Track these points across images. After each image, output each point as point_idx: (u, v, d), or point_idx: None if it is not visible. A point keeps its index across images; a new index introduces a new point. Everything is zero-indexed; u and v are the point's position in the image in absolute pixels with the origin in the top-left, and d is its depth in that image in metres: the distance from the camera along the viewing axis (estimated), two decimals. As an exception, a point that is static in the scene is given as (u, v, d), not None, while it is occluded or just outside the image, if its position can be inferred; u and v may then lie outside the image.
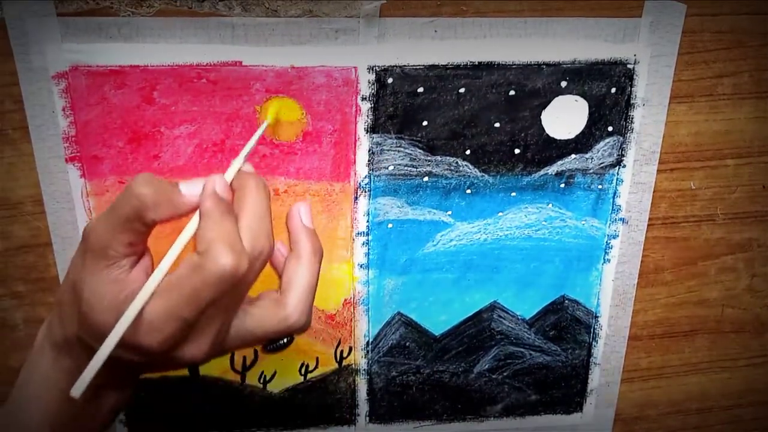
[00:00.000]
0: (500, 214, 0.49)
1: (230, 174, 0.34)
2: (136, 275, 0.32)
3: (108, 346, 0.29)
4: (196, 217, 0.32)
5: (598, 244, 0.51)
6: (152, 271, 0.33)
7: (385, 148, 0.46)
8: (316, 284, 0.36)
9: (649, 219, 0.51)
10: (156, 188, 0.31)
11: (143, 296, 0.30)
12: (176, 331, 0.31)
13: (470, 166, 0.48)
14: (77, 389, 0.29)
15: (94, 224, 0.32)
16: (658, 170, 0.49)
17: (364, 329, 0.52)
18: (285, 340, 0.36)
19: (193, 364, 0.33)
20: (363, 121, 0.45)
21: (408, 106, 0.45)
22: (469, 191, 0.48)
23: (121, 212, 0.31)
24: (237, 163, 0.35)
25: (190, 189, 0.33)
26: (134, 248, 0.32)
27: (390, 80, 0.44)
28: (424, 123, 0.46)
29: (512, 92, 0.46)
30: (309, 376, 0.53)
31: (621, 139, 0.48)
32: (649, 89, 0.47)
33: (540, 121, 0.47)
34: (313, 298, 0.36)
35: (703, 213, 0.52)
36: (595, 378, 0.56)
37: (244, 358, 0.51)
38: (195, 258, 0.31)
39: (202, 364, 0.34)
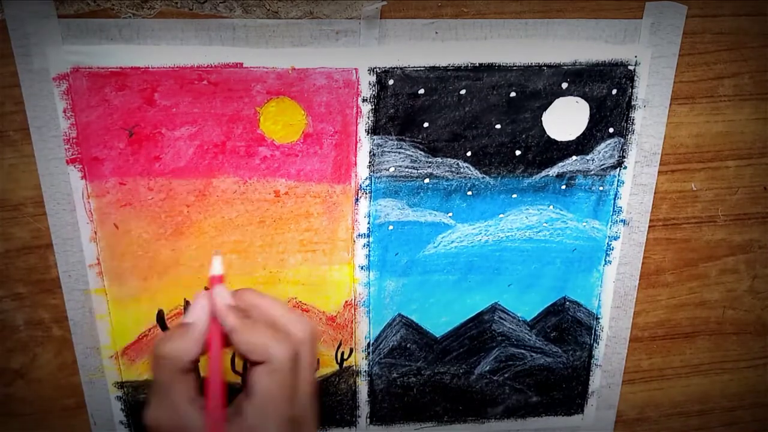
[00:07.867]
0: (501, 215, 0.49)
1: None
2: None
3: None
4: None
5: (599, 246, 0.51)
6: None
7: (386, 149, 0.46)
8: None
9: (650, 220, 0.51)
10: (172, 341, 0.34)
11: None
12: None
13: (471, 168, 0.48)
14: None
15: (156, 414, 0.34)
16: (659, 172, 0.49)
17: (364, 331, 0.52)
18: None
19: None
20: (364, 123, 0.45)
21: (409, 108, 0.45)
22: (470, 193, 0.48)
23: (166, 379, 0.34)
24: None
25: (194, 314, 0.35)
26: (198, 382, 0.35)
27: (391, 82, 0.44)
28: (425, 125, 0.46)
29: (513, 94, 0.46)
30: (310, 377, 0.53)
31: (622, 140, 0.48)
32: (650, 90, 0.47)
33: (541, 122, 0.47)
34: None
35: (704, 214, 0.52)
36: (596, 379, 0.56)
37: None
38: (264, 367, 0.34)
39: None
